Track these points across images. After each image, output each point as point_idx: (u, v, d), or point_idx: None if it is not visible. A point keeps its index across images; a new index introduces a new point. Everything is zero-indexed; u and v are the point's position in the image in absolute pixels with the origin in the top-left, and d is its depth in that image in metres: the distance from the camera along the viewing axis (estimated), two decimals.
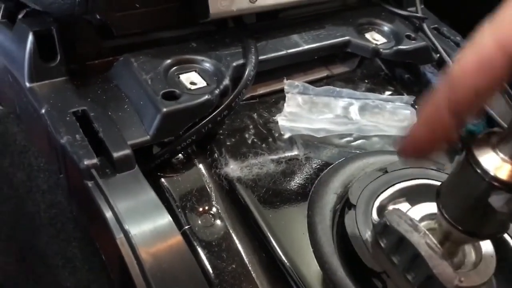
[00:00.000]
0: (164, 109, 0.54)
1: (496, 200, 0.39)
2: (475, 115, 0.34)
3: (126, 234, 0.45)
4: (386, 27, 0.79)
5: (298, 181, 0.59)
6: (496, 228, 0.43)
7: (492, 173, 0.38)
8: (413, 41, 0.76)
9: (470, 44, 0.31)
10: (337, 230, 0.53)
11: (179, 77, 0.60)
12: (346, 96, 0.70)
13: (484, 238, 0.47)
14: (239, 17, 0.69)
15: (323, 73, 0.76)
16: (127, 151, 0.50)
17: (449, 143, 0.37)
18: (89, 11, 0.55)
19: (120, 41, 0.64)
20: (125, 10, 0.60)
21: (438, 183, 0.46)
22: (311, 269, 0.50)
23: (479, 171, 0.39)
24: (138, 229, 0.46)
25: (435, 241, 0.45)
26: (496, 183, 0.38)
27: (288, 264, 0.50)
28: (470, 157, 0.40)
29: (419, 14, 0.82)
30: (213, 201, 0.56)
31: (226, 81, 0.60)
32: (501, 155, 0.38)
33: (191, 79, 0.60)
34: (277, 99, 0.69)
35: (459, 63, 0.32)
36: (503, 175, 0.38)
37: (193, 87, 0.59)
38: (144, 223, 0.47)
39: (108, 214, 0.46)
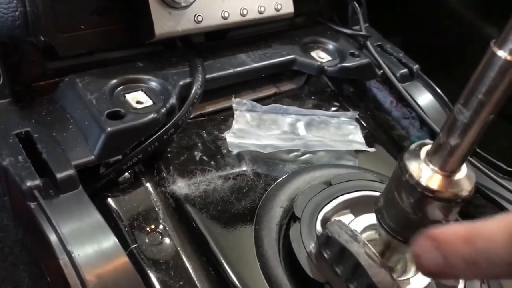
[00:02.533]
0: (109, 129, 0.54)
1: (429, 209, 0.41)
2: None
3: (69, 255, 0.45)
4: (331, 45, 0.81)
5: (245, 197, 0.59)
6: None
7: (424, 184, 0.40)
8: (356, 58, 0.79)
9: None
10: (283, 243, 0.54)
11: (125, 97, 0.60)
12: (293, 113, 0.72)
13: None
14: (186, 36, 0.70)
15: (271, 91, 0.78)
16: (70, 172, 0.50)
17: None
18: (31, 33, 0.55)
19: (65, 62, 0.64)
20: (70, 32, 0.60)
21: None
22: (258, 283, 0.51)
23: (411, 182, 0.41)
24: (82, 250, 0.46)
25: (374, 251, 0.47)
26: (428, 193, 0.40)
27: (235, 279, 0.51)
28: (402, 168, 0.42)
29: (363, 32, 0.85)
30: (160, 219, 0.56)
31: (173, 100, 0.61)
32: (431, 166, 0.40)
33: (138, 98, 0.61)
34: (226, 116, 0.70)
35: None
36: (434, 185, 0.40)
37: (139, 106, 0.60)
38: (88, 244, 0.47)
39: (51, 235, 0.46)
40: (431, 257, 0.35)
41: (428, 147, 0.42)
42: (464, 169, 0.40)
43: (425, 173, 0.40)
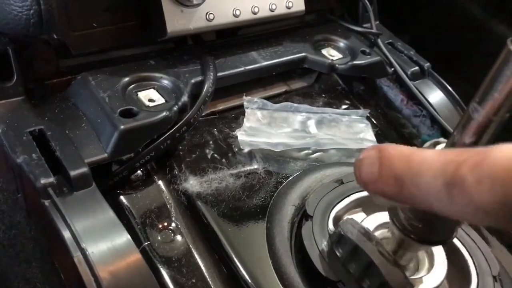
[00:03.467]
0: (122, 126, 0.54)
1: None
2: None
3: (83, 252, 0.45)
4: (342, 43, 0.81)
5: (257, 195, 0.60)
6: (445, 235, 0.45)
7: None
8: (368, 56, 0.79)
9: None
10: (295, 241, 0.54)
11: (137, 95, 0.61)
12: (304, 111, 0.72)
13: (434, 244, 0.48)
14: (197, 34, 0.71)
15: (282, 89, 0.78)
16: (84, 169, 0.51)
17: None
18: (45, 31, 0.55)
19: (78, 60, 0.64)
20: (82, 30, 0.60)
21: None
22: (270, 281, 0.51)
23: None
24: (95, 247, 0.46)
25: (387, 249, 0.47)
26: None
27: (247, 276, 0.51)
28: None
29: (374, 30, 0.85)
30: (173, 216, 0.56)
31: (185, 98, 0.61)
32: None
33: (150, 96, 0.61)
34: (237, 114, 0.70)
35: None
36: None
37: (151, 104, 0.60)
38: (101, 241, 0.47)
39: (65, 233, 0.46)
40: (369, 165, 0.36)
41: (442, 145, 0.42)
42: None
43: None
